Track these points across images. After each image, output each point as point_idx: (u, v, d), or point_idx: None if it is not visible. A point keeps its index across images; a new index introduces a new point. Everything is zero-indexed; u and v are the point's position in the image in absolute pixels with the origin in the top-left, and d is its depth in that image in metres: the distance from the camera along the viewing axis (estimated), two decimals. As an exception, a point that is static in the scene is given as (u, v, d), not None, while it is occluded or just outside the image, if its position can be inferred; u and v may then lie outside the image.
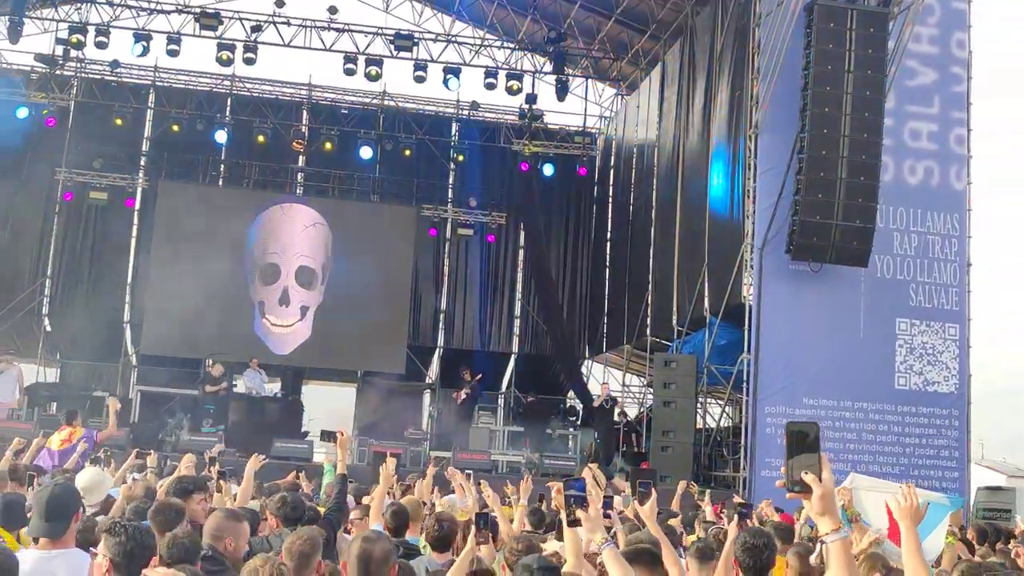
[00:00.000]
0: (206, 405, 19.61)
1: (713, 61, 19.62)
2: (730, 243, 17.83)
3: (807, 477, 2.97)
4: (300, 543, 4.73)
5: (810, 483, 2.96)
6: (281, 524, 6.21)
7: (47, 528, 4.56)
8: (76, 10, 23.30)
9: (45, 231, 24.78)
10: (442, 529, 6.03)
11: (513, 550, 5.21)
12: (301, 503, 6.45)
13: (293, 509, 6.28)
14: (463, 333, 26.43)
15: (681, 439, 17.86)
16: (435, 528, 6.03)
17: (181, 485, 6.65)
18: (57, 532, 4.54)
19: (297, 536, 4.86)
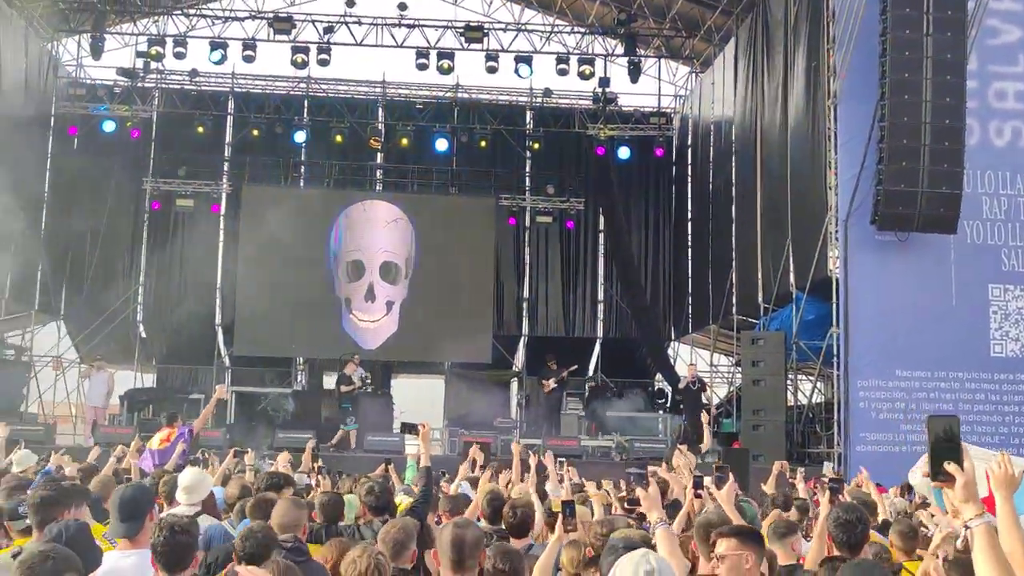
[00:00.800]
0: (343, 404, 19.92)
1: (787, 32, 19.31)
2: (813, 216, 17.55)
3: (950, 467, 3.15)
4: (395, 532, 4.82)
5: (953, 472, 3.13)
6: (369, 513, 6.32)
7: (123, 528, 4.71)
8: (154, 23, 23.84)
9: (135, 240, 25.42)
10: (516, 515, 6.06)
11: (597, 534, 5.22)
12: (387, 493, 6.55)
13: (378, 499, 6.38)
14: (547, 320, 26.45)
15: (772, 417, 17.67)
16: (510, 515, 6.08)
17: (272, 481, 6.80)
18: (132, 532, 4.68)
19: (392, 525, 4.95)
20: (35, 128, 23.43)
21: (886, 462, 14.69)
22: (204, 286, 25.33)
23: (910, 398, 15.92)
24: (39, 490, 5.19)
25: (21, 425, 18.51)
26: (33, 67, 23.24)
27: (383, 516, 6.23)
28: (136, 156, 24.94)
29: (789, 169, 18.83)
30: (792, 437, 18.05)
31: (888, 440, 15.73)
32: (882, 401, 15.92)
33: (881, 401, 15.92)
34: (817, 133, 17.66)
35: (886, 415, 15.86)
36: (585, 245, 26.79)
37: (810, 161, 18.00)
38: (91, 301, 24.14)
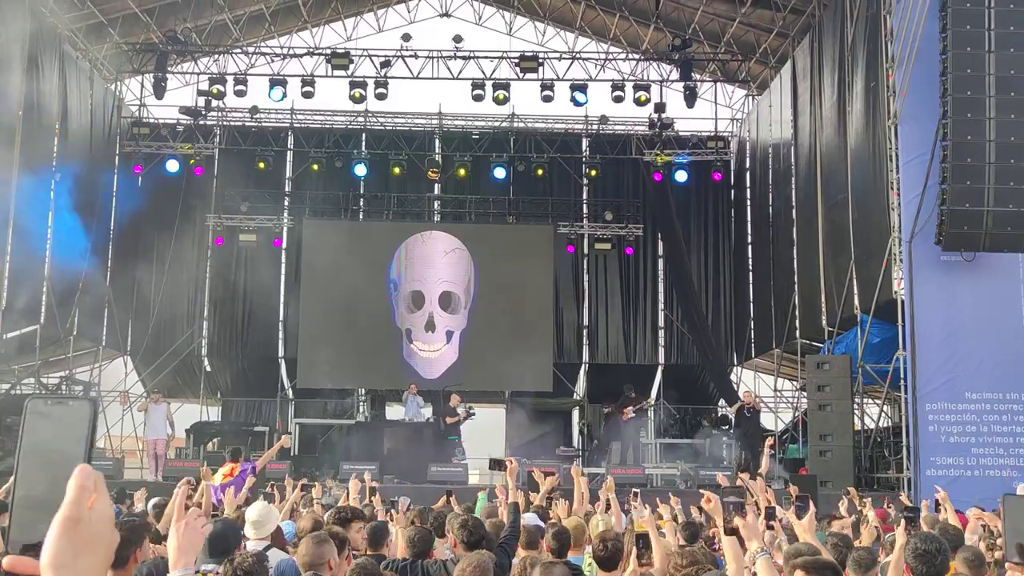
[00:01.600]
0: (449, 436, 20.00)
1: (844, 53, 19.16)
2: (876, 238, 17.33)
3: None
4: (471, 568, 4.79)
5: None
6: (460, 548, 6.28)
7: (212, 564, 4.75)
8: (215, 62, 24.26)
9: (200, 275, 25.83)
10: (607, 549, 6.00)
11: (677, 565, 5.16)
12: (481, 527, 6.51)
13: (472, 533, 6.35)
14: (607, 347, 26.36)
15: (840, 442, 17.38)
16: (600, 548, 6.01)
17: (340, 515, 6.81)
18: None
19: (468, 562, 4.93)
20: (101, 168, 23.96)
21: (957, 487, 14.35)
22: (267, 319, 25.65)
23: (981, 420, 15.60)
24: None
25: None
26: (98, 108, 23.78)
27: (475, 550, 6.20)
28: (199, 193, 25.37)
29: (850, 190, 18.63)
30: (860, 462, 17.76)
31: (959, 464, 15.41)
32: (952, 424, 15.60)
33: (951, 424, 15.60)
34: (878, 154, 17.47)
35: (956, 438, 15.54)
36: (645, 271, 26.68)
37: (872, 182, 17.80)
38: (157, 336, 24.55)
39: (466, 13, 26.61)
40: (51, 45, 21.28)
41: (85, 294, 22.35)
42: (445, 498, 10.69)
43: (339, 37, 25.99)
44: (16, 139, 19.67)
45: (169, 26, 23.07)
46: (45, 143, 21.34)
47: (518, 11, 26.30)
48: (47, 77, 21.00)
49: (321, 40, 25.66)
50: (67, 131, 22.09)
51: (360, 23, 26.24)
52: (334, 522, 6.70)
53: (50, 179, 21.61)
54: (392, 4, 26.31)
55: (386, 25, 26.31)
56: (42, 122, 20.93)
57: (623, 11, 24.54)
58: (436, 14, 26.65)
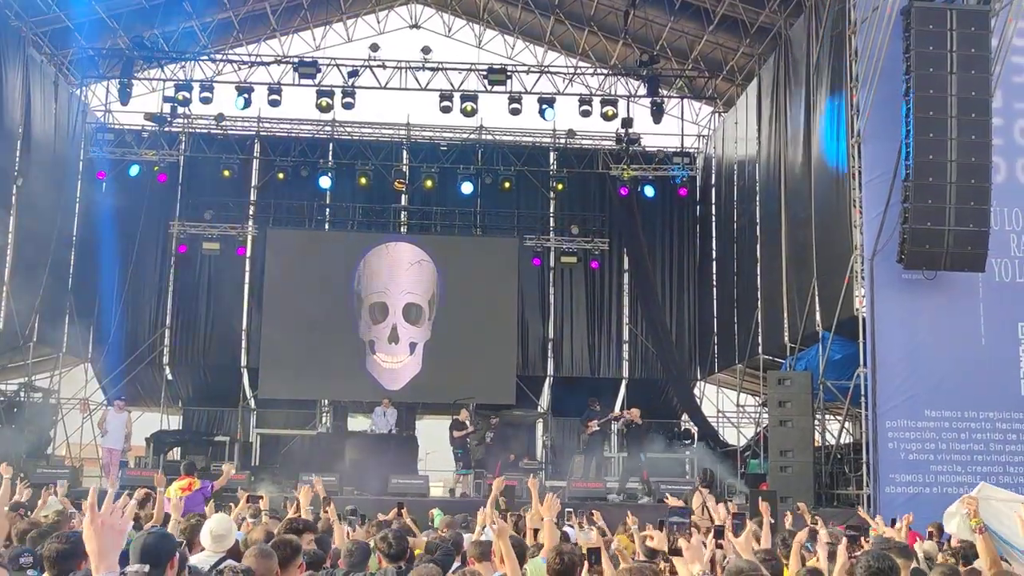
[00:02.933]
0: (457, 450, 19.97)
1: (810, 72, 19.33)
2: (839, 255, 17.46)
3: None
4: None
5: None
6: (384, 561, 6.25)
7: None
8: (181, 68, 24.10)
9: (162, 283, 25.60)
10: (563, 562, 5.95)
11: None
12: (402, 539, 6.48)
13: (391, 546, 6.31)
14: (572, 360, 26.39)
15: (800, 458, 17.45)
16: (556, 561, 5.96)
17: (293, 526, 6.75)
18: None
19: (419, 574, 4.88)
20: (64, 173, 23.72)
21: (916, 503, 14.51)
22: (230, 328, 25.48)
23: (940, 438, 15.71)
24: (53, 543, 5.16)
25: (48, 468, 18.59)
26: (63, 113, 23.56)
27: (398, 563, 6.16)
28: (163, 200, 25.17)
29: (814, 208, 18.78)
30: (820, 478, 17.84)
31: (918, 481, 15.52)
32: (911, 442, 15.71)
33: (910, 442, 15.71)
34: (840, 172, 17.61)
35: (916, 456, 15.65)
36: (610, 285, 26.76)
37: (835, 200, 17.95)
38: (118, 343, 24.28)
39: (436, 25, 26.67)
40: (15, 48, 21.06)
41: (46, 300, 22.09)
42: (396, 510, 10.59)
43: (308, 46, 25.97)
44: (-23, 142, 19.44)
45: (136, 32, 22.89)
46: (7, 146, 21.11)
47: (488, 24, 26.36)
48: (10, 81, 20.79)
49: (289, 48, 25.61)
50: (30, 135, 21.86)
51: (329, 32, 26.21)
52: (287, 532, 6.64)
53: (12, 183, 21.39)
54: (362, 14, 26.28)
55: (355, 35, 26.32)
56: (4, 125, 20.71)
57: (592, 26, 24.66)
58: (405, 25, 26.68)
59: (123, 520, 3.36)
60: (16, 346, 21.63)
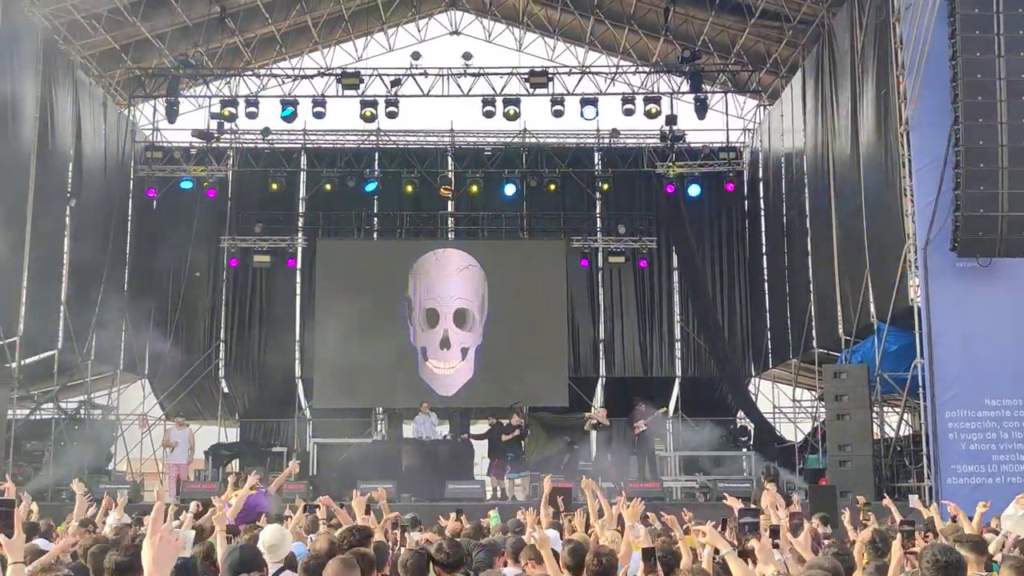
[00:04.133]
0: (507, 454, 20.05)
1: (855, 61, 19.11)
2: (891, 245, 17.23)
3: None
4: None
5: None
6: (443, 572, 6.21)
7: None
8: (226, 84, 24.39)
9: (216, 298, 25.91)
10: (601, 564, 5.93)
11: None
12: (458, 548, 6.45)
13: (448, 556, 6.28)
14: (624, 361, 26.30)
15: (859, 452, 17.25)
16: (595, 563, 5.93)
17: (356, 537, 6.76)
18: None
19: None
20: (116, 192, 24.09)
21: (979, 494, 14.20)
22: (283, 340, 25.69)
23: (1001, 427, 15.45)
24: (114, 555, 5.22)
25: (110, 483, 18.88)
26: (112, 133, 23.93)
27: (455, 573, 6.14)
28: (213, 215, 25.48)
29: (864, 198, 18.55)
30: (880, 472, 17.62)
31: (980, 472, 15.26)
32: (972, 431, 15.45)
33: (971, 431, 15.45)
34: (891, 161, 17.39)
35: (977, 445, 15.39)
36: (659, 284, 26.64)
37: (885, 189, 17.72)
38: (174, 359, 24.60)
39: (476, 30, 26.72)
40: (64, 72, 21.44)
41: (102, 318, 22.44)
42: (454, 516, 10.59)
43: (350, 57, 26.14)
44: (31, 165, 19.81)
45: (181, 50, 23.20)
46: (60, 168, 21.49)
47: (528, 27, 26.37)
48: (61, 104, 21.16)
49: (332, 60, 25.78)
50: (81, 156, 22.23)
51: (370, 43, 26.37)
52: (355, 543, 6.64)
53: (65, 204, 21.76)
54: (402, 23, 26.41)
55: (396, 44, 26.43)
56: (56, 148, 21.07)
57: (632, 25, 24.56)
58: (446, 32, 26.76)
59: (179, 541, 3.52)
60: (74, 364, 21.99)
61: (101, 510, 10.47)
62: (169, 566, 3.48)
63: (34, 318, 19.85)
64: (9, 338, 18.81)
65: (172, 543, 3.47)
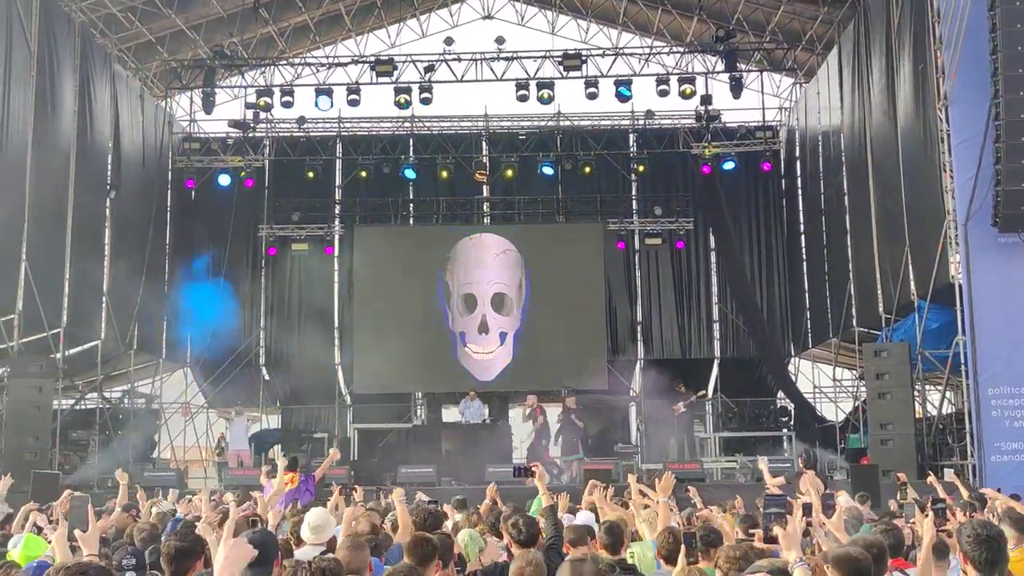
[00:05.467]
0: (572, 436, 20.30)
1: (891, 36, 18.87)
2: (931, 221, 17.04)
3: None
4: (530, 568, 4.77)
5: None
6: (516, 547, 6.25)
7: (250, 574, 4.67)
8: (261, 74, 24.52)
9: (255, 286, 26.10)
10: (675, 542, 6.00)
11: (730, 558, 5.12)
12: (533, 525, 6.49)
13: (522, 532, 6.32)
14: (662, 343, 26.23)
15: (901, 431, 17.12)
16: (669, 540, 6.01)
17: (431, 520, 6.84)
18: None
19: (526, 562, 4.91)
20: (155, 184, 24.34)
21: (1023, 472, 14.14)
22: (322, 327, 25.84)
23: (1046, 404, 15.27)
24: (172, 540, 5.28)
25: (154, 471, 19.14)
26: (150, 125, 24.15)
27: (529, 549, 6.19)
28: (251, 204, 25.65)
29: (903, 175, 18.34)
30: (923, 450, 17.47)
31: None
32: (1016, 408, 15.26)
33: (1015, 408, 15.27)
34: (929, 136, 17.17)
35: (1020, 423, 15.19)
36: (697, 265, 26.52)
37: (924, 165, 17.50)
38: (215, 347, 24.83)
39: (508, 14, 26.67)
40: (102, 65, 21.66)
41: (144, 308, 22.70)
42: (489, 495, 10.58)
43: (383, 44, 26.18)
44: (71, 157, 20.06)
45: (216, 41, 23.37)
46: (99, 161, 21.73)
47: (560, 10, 26.28)
48: (99, 97, 21.39)
49: (365, 48, 25.86)
50: (120, 149, 22.47)
51: (403, 29, 26.39)
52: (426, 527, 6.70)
53: (105, 196, 22.01)
54: (434, 8, 26.42)
55: (429, 30, 26.44)
56: (95, 140, 21.32)
57: (665, 5, 24.41)
58: (478, 16, 26.72)
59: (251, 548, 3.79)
60: (117, 354, 22.27)
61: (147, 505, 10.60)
62: (239, 569, 3.69)
63: (77, 309, 20.15)
64: (53, 329, 19.09)
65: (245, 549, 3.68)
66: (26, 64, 18.55)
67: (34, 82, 18.69)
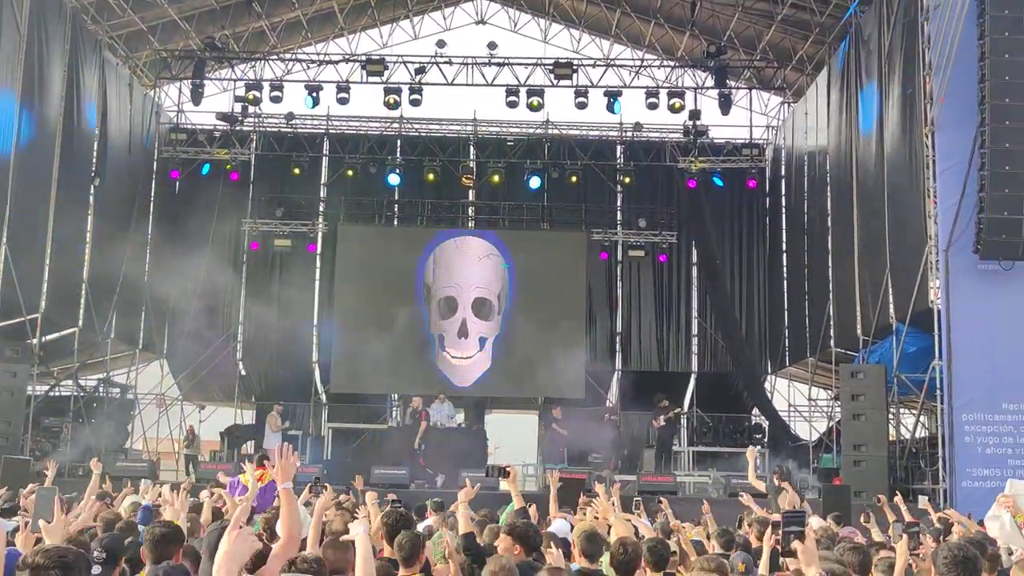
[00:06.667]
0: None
1: (881, 60, 18.99)
2: (913, 246, 17.14)
3: None
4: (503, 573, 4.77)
5: None
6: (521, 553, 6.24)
7: None
8: (251, 68, 24.46)
9: (235, 280, 25.98)
10: (626, 553, 5.96)
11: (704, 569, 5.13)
12: (534, 531, 6.48)
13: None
14: (640, 354, 26.28)
15: (874, 452, 17.18)
16: (620, 552, 5.97)
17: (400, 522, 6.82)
18: None
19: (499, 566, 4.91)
20: (140, 173, 24.22)
21: (993, 498, 14.20)
22: (301, 324, 25.78)
23: (1018, 431, 15.38)
24: (157, 527, 5.29)
25: (127, 462, 19.02)
26: (137, 114, 24.04)
27: (532, 555, 6.19)
28: (235, 198, 25.54)
29: (887, 198, 18.44)
30: (895, 472, 17.55)
31: (996, 476, 15.13)
32: (988, 435, 15.39)
33: (987, 435, 15.39)
34: (915, 161, 17.29)
35: (993, 449, 15.33)
36: (678, 279, 26.59)
37: (908, 190, 17.61)
38: (192, 340, 24.70)
39: (501, 20, 26.74)
40: (92, 51, 21.55)
41: (122, 297, 22.58)
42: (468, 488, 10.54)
43: (375, 44, 26.20)
44: (56, 143, 19.94)
45: (207, 33, 23.31)
46: (85, 148, 21.61)
47: (553, 18, 26.36)
48: (87, 83, 21.28)
49: (357, 47, 25.84)
50: (107, 136, 22.35)
51: (396, 30, 26.41)
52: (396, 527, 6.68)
53: (89, 184, 21.89)
54: (428, 11, 26.43)
55: (422, 32, 26.49)
56: (82, 127, 21.20)
57: (658, 18, 24.51)
58: (472, 21, 26.79)
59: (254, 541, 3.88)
60: (94, 343, 22.13)
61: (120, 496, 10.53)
62: (242, 562, 3.76)
63: (56, 296, 20.01)
64: (31, 315, 18.95)
65: (248, 540, 3.76)
66: (15, 47, 18.43)
67: (23, 65, 18.57)
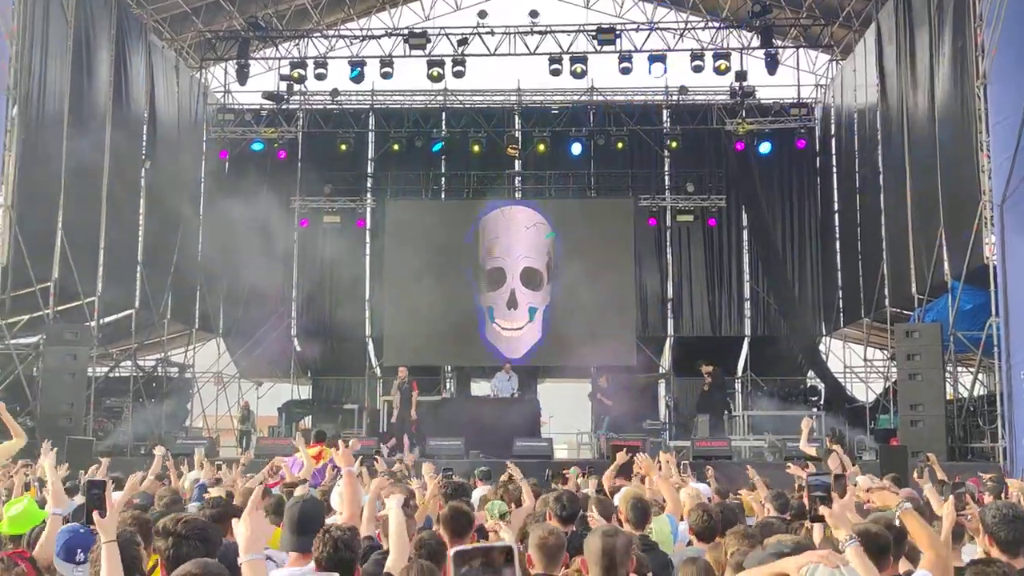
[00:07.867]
0: None
1: (931, 13, 18.61)
2: (967, 202, 16.85)
3: None
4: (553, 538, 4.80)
5: None
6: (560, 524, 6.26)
7: (297, 542, 4.68)
8: (295, 46, 24.56)
9: (286, 258, 26.21)
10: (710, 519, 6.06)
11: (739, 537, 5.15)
12: (576, 502, 6.53)
13: (565, 508, 6.36)
14: (692, 320, 26.14)
15: (931, 412, 17.01)
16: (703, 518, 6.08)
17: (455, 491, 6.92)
18: (306, 546, 4.57)
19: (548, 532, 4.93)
20: (189, 154, 24.49)
21: (1055, 456, 14.04)
22: (353, 299, 26.00)
23: (1079, 387, 15.11)
24: (206, 508, 5.38)
25: (187, 439, 19.36)
26: (184, 96, 24.28)
27: (570, 526, 6.23)
28: (283, 176, 25.76)
29: (939, 154, 18.13)
30: (953, 432, 17.37)
31: (1057, 432, 14.96)
32: (1049, 392, 15.14)
33: (1047, 392, 15.14)
34: (967, 115, 16.96)
35: (1053, 406, 15.08)
36: (728, 243, 26.37)
37: (961, 145, 17.29)
38: (247, 318, 25.02)
39: (542, -13, 26.49)
40: (137, 36, 21.77)
41: (178, 278, 22.91)
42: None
43: (417, 17, 26.12)
44: (106, 127, 20.20)
45: (250, 12, 23.43)
46: (135, 131, 21.89)
47: (595, -17, 26.11)
48: (135, 67, 21.52)
49: (399, 20, 25.80)
50: (155, 119, 22.61)
51: (437, 2, 26.33)
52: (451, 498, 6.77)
53: (140, 167, 22.18)
54: (469, -19, 26.31)
55: (463, 3, 26.34)
56: (131, 110, 21.47)
57: (701, -21, 24.21)
58: (513, -11, 26.58)
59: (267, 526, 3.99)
60: (151, 323, 22.50)
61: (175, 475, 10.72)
62: (264, 540, 3.83)
63: (112, 278, 20.34)
64: (88, 298, 19.30)
65: (265, 522, 3.86)
66: (63, 35, 18.68)
67: (71, 53, 18.82)
